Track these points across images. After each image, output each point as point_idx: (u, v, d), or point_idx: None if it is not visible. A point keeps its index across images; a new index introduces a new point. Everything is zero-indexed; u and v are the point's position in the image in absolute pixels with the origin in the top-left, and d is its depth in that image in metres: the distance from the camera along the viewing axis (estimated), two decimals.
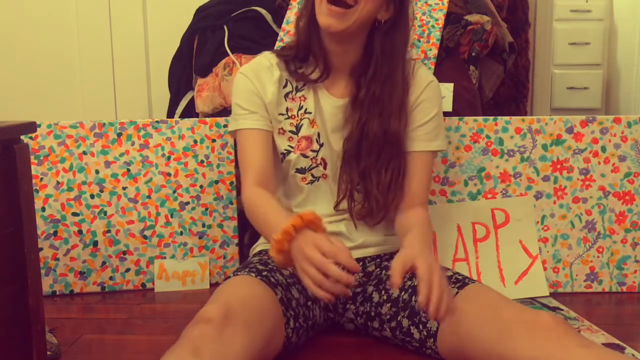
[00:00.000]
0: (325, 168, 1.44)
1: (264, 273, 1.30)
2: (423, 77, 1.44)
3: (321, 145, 1.44)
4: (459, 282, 1.28)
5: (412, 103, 1.43)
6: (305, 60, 1.44)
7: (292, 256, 1.18)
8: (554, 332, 1.08)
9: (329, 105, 1.44)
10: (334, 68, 1.43)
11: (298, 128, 1.44)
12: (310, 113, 1.44)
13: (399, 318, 1.30)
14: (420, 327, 1.27)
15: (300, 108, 1.45)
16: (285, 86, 1.45)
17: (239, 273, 1.33)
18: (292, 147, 1.44)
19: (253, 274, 1.30)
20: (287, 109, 1.45)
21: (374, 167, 1.39)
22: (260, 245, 1.50)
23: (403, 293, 1.32)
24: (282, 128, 1.44)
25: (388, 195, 1.39)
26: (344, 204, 1.42)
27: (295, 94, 1.45)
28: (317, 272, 1.11)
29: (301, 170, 1.44)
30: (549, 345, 1.07)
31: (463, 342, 1.19)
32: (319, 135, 1.44)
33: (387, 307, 1.33)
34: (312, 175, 1.44)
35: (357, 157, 1.40)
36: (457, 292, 1.24)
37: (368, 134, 1.38)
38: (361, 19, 1.35)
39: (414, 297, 1.29)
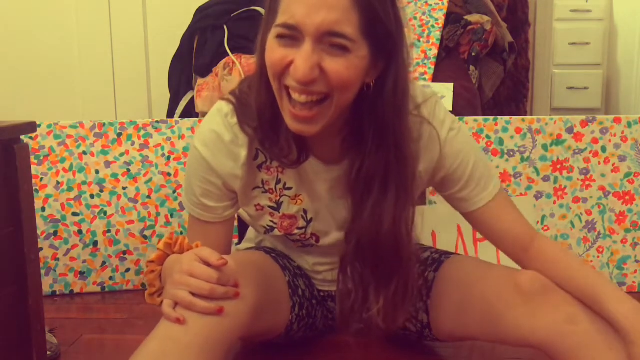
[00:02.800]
0: (317, 241, 1.22)
1: (272, 255, 1.27)
2: (438, 131, 1.12)
3: (309, 221, 1.19)
4: (435, 262, 1.25)
5: (435, 166, 1.14)
6: (278, 134, 1.07)
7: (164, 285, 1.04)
8: (536, 304, 1.04)
9: (318, 177, 1.15)
10: (316, 140, 1.10)
11: (278, 204, 1.18)
12: (290, 189, 1.16)
13: None
14: (414, 321, 1.26)
15: (278, 182, 1.15)
16: (256, 157, 1.14)
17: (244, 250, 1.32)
18: (275, 223, 1.20)
19: (262, 251, 1.27)
20: (262, 182, 1.16)
21: (374, 280, 1.08)
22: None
23: None
24: (259, 204, 1.18)
25: (391, 317, 1.09)
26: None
27: (271, 163, 1.14)
28: (196, 281, 0.96)
29: (291, 240, 1.25)
30: (533, 321, 1.04)
31: (454, 326, 1.20)
32: (305, 211, 1.18)
33: None
34: (303, 244, 1.25)
35: (356, 265, 1.10)
36: (434, 277, 1.22)
37: (361, 235, 1.07)
38: (342, 107, 1.01)
39: None
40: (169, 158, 1.76)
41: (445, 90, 1.79)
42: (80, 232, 1.74)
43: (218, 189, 1.15)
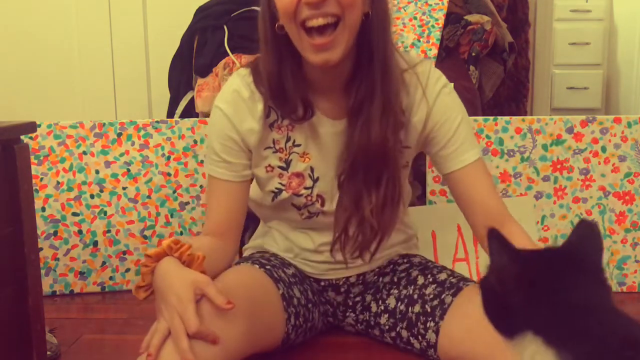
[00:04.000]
0: (322, 205, 1.28)
1: (267, 267, 1.30)
2: (432, 91, 1.25)
3: (316, 181, 1.27)
4: (453, 287, 1.26)
5: (423, 123, 1.25)
6: (285, 94, 1.20)
7: (155, 287, 1.09)
8: None
9: (326, 131, 1.25)
10: (324, 91, 1.23)
11: (287, 163, 1.26)
12: (299, 146, 1.25)
13: (397, 329, 1.30)
14: (420, 338, 1.26)
15: (287, 140, 1.25)
16: (269, 115, 1.25)
17: (240, 262, 1.33)
18: (283, 184, 1.27)
19: (256, 265, 1.29)
20: (273, 141, 1.26)
21: (366, 187, 1.20)
22: (249, 249, 1.47)
23: (399, 303, 1.31)
24: (269, 165, 1.27)
25: (382, 218, 1.20)
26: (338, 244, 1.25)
27: (282, 122, 1.25)
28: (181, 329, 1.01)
29: (296, 207, 1.30)
30: None
31: (460, 353, 1.20)
32: (312, 169, 1.26)
33: (385, 318, 1.33)
34: (309, 212, 1.30)
35: (350, 179, 1.21)
36: (451, 300, 1.23)
37: (356, 148, 1.19)
38: (354, 29, 1.14)
39: (410, 307, 1.28)
40: (169, 158, 1.76)
41: None
42: (80, 232, 1.74)
43: (237, 145, 1.24)
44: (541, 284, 0.68)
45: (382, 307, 1.33)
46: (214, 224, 1.26)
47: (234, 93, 1.24)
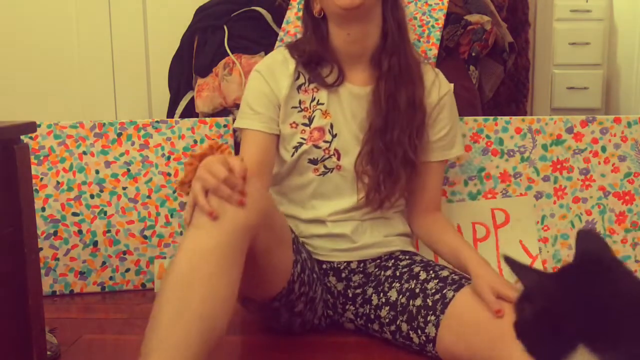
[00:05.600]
0: (339, 159, 1.41)
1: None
2: (444, 84, 1.46)
3: (334, 136, 1.40)
4: (455, 283, 1.27)
5: (433, 106, 1.42)
6: (320, 63, 1.42)
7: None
8: None
9: (348, 95, 1.41)
10: (351, 58, 1.40)
11: (310, 120, 1.41)
12: (322, 104, 1.41)
13: (397, 322, 1.31)
14: (419, 332, 1.27)
15: (312, 100, 1.42)
16: (298, 78, 1.43)
17: None
18: (304, 139, 1.40)
19: None
20: (299, 102, 1.42)
21: (405, 133, 1.37)
22: None
23: (401, 297, 1.32)
24: (294, 122, 1.41)
25: (420, 156, 1.40)
26: (362, 191, 1.39)
27: (308, 85, 1.42)
28: (212, 178, 1.09)
29: (313, 161, 1.40)
30: None
31: (460, 347, 1.20)
32: (331, 126, 1.41)
33: (386, 311, 1.33)
34: (325, 167, 1.40)
35: (384, 130, 1.37)
36: (453, 295, 1.24)
37: (398, 106, 1.37)
38: None
39: (411, 300, 1.29)
40: (169, 158, 1.76)
41: None
42: (80, 232, 1.74)
43: (268, 99, 1.40)
44: (579, 289, 0.66)
45: (384, 300, 1.34)
46: None
47: (269, 59, 1.45)
